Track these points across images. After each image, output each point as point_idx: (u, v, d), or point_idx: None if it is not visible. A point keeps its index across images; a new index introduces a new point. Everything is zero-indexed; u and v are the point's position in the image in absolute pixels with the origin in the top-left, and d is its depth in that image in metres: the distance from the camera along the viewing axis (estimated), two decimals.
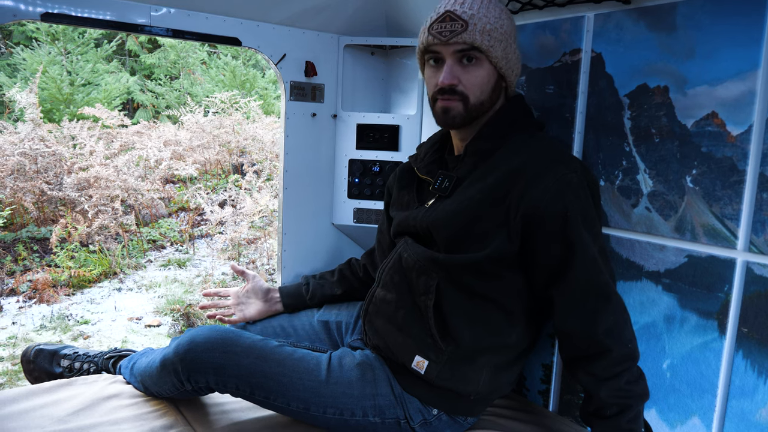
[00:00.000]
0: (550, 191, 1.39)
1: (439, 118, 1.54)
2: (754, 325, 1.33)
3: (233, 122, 8.38)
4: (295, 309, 1.96)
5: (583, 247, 1.38)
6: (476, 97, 1.49)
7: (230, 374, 1.53)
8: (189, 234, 6.52)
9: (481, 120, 1.56)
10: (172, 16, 1.85)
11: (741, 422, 1.36)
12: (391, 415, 1.55)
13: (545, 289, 1.46)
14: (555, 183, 1.40)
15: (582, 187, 1.42)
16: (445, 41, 1.46)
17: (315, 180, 2.29)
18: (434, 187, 1.58)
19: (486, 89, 1.51)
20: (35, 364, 1.98)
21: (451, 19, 1.46)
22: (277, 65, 2.10)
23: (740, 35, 1.31)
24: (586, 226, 1.40)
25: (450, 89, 1.48)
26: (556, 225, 1.39)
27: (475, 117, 1.53)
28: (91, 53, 10.47)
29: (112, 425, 1.56)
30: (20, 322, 4.47)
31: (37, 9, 1.63)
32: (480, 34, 1.44)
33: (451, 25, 1.45)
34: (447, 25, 1.46)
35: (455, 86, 1.48)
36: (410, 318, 1.54)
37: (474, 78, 1.48)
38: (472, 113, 1.51)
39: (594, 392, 1.40)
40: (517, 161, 1.46)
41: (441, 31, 1.46)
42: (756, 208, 1.31)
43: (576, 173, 1.43)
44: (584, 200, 1.42)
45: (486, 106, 1.53)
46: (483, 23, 1.45)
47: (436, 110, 1.54)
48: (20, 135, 6.14)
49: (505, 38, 1.49)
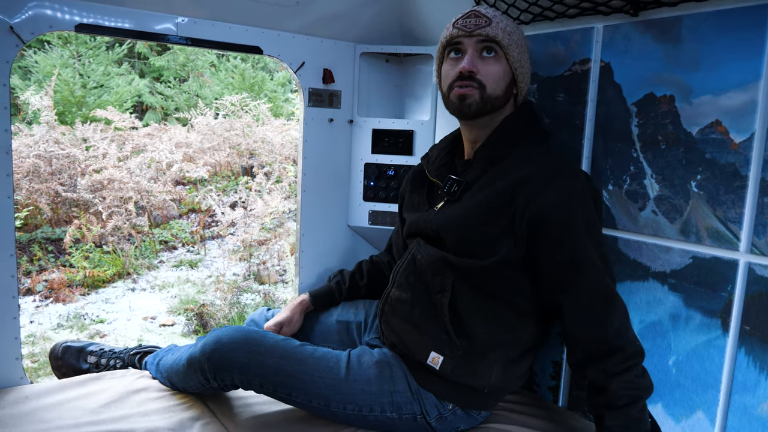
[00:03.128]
0: (555, 199, 1.46)
1: (454, 105, 1.61)
2: (756, 323, 1.38)
3: (243, 124, 8.44)
4: (325, 305, 2.03)
5: (586, 255, 1.44)
6: (492, 88, 1.58)
7: (254, 373, 1.59)
8: (200, 235, 6.59)
9: (491, 122, 1.63)
10: (197, 26, 1.93)
11: (743, 416, 1.42)
12: (408, 410, 1.61)
13: (551, 294, 1.51)
14: (560, 192, 1.46)
15: (586, 195, 1.49)
16: (469, 32, 1.57)
17: (332, 183, 2.36)
18: (443, 190, 1.65)
19: (501, 84, 1.59)
20: (63, 360, 2.05)
21: (476, 16, 1.58)
22: (296, 72, 2.18)
23: (743, 48, 1.37)
24: (589, 233, 1.47)
25: (470, 75, 1.56)
26: (561, 232, 1.45)
27: (489, 110, 1.60)
28: (103, 56, 10.54)
29: (142, 416, 1.63)
30: (37, 321, 4.56)
31: (73, 19, 1.71)
32: (502, 32, 1.56)
33: (476, 21, 1.57)
34: (472, 20, 1.58)
35: (474, 74, 1.56)
36: (425, 316, 1.60)
37: (492, 70, 1.58)
38: (487, 104, 1.58)
39: (605, 385, 1.44)
40: (524, 169, 1.52)
41: (466, 24, 1.58)
42: (758, 211, 1.37)
43: (580, 182, 1.50)
44: (588, 208, 1.48)
45: (499, 102, 1.60)
46: (504, 24, 1.57)
47: (452, 98, 1.61)
48: (35, 137, 6.22)
49: (521, 45, 1.60)
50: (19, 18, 1.67)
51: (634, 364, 1.44)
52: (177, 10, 1.89)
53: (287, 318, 1.93)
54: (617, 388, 1.42)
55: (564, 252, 1.46)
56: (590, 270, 1.45)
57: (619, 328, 1.44)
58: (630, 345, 1.44)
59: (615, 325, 1.44)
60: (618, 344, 1.43)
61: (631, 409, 1.42)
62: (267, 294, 5.18)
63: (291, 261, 5.79)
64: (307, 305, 1.99)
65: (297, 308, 1.97)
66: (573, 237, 1.45)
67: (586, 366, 1.48)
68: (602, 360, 1.44)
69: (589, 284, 1.45)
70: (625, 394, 1.42)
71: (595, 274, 1.45)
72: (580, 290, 1.46)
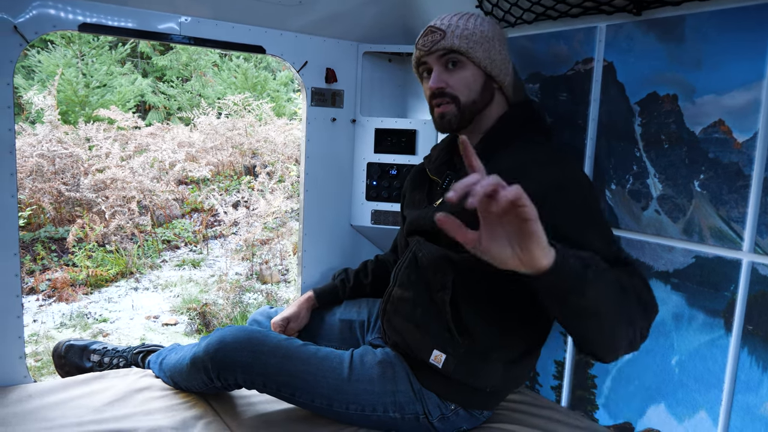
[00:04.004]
0: (557, 177, 1.41)
1: (437, 124, 1.65)
2: (759, 322, 1.38)
3: (246, 124, 8.46)
4: (330, 303, 2.04)
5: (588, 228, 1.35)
6: (466, 96, 1.59)
7: (257, 372, 1.60)
8: (203, 235, 6.60)
9: (483, 122, 1.63)
10: (200, 26, 1.94)
11: (746, 415, 1.42)
12: (410, 410, 1.61)
13: None
14: (553, 176, 1.41)
15: (579, 175, 1.45)
16: (428, 51, 1.59)
17: (334, 182, 2.36)
18: (442, 187, 1.67)
19: (474, 88, 1.59)
20: (66, 359, 2.06)
21: (432, 32, 1.60)
22: (299, 72, 2.18)
23: (746, 47, 1.37)
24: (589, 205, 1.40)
25: (440, 92, 1.59)
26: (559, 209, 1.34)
27: (470, 117, 1.61)
28: (106, 56, 10.57)
29: (145, 415, 1.64)
30: (41, 320, 4.58)
31: (77, 19, 1.72)
32: (458, 39, 1.56)
33: (432, 36, 1.59)
34: (429, 37, 1.60)
35: (443, 89, 1.59)
36: (428, 314, 1.60)
37: (460, 79, 1.59)
38: (465, 113, 1.59)
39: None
40: (520, 161, 1.49)
41: (425, 43, 1.61)
42: (761, 211, 1.37)
43: (570, 164, 1.48)
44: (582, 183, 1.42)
45: (479, 105, 1.60)
46: (460, 30, 1.57)
47: (435, 117, 1.65)
48: (38, 137, 6.24)
49: (486, 41, 1.58)
50: (23, 17, 1.68)
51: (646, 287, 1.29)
52: (180, 10, 1.89)
53: (294, 313, 1.94)
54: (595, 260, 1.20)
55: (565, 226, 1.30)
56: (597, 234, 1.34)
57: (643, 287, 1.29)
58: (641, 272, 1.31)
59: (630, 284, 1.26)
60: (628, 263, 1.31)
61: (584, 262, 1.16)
62: (269, 293, 5.18)
63: (293, 260, 5.79)
64: (313, 302, 2.00)
65: (304, 304, 1.98)
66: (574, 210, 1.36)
67: None
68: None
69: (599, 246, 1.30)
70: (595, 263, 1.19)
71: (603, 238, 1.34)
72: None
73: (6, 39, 1.66)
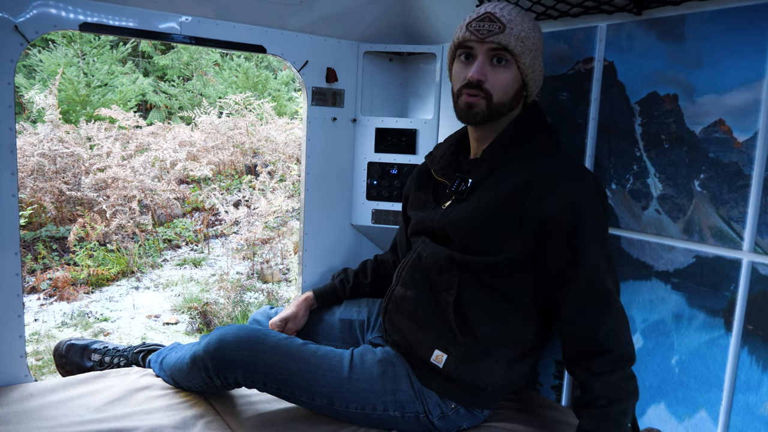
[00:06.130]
0: (565, 200, 1.46)
1: (462, 112, 1.59)
2: (759, 322, 1.38)
3: (247, 123, 8.46)
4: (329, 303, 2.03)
5: (590, 256, 1.46)
6: (499, 97, 1.55)
7: (258, 371, 1.60)
8: (204, 234, 6.61)
9: (499, 123, 1.62)
10: (201, 25, 1.94)
11: (746, 415, 1.42)
12: (410, 409, 1.62)
13: (551, 291, 1.53)
14: (570, 193, 1.47)
15: (594, 198, 1.50)
16: (481, 39, 1.52)
17: (335, 182, 2.36)
18: (451, 189, 1.65)
19: (509, 92, 1.57)
20: (67, 358, 2.06)
21: (490, 20, 1.52)
22: (300, 71, 2.18)
23: (746, 47, 1.37)
24: (596, 235, 1.48)
25: (477, 84, 1.53)
26: (568, 232, 1.46)
27: (496, 117, 1.59)
28: (107, 55, 10.57)
29: (145, 414, 1.64)
30: (42, 319, 4.58)
31: (78, 18, 1.72)
32: (515, 39, 1.51)
33: (490, 25, 1.52)
34: (486, 25, 1.52)
35: (482, 83, 1.53)
36: (430, 314, 1.61)
37: (501, 79, 1.54)
38: (493, 112, 1.57)
39: (588, 385, 1.46)
40: (534, 170, 1.53)
41: (479, 28, 1.52)
42: (761, 210, 1.37)
43: (590, 184, 1.50)
44: (596, 211, 1.49)
45: (506, 108, 1.59)
46: (519, 29, 1.52)
47: (460, 105, 1.59)
48: (39, 136, 6.24)
49: (535, 49, 1.56)
50: (24, 17, 1.68)
51: (620, 367, 1.46)
52: (181, 9, 1.90)
53: (292, 314, 1.94)
54: (599, 388, 1.44)
55: (569, 252, 1.47)
56: (593, 271, 1.46)
57: (612, 331, 1.46)
58: (620, 348, 1.46)
59: (608, 327, 1.45)
60: (608, 346, 1.45)
61: (609, 410, 1.43)
62: (270, 292, 5.18)
63: (294, 260, 5.80)
64: (312, 302, 2.00)
65: (302, 305, 1.97)
66: (580, 238, 1.46)
67: (575, 364, 1.51)
68: (589, 359, 1.47)
69: (590, 285, 1.47)
70: (605, 395, 1.43)
71: (598, 276, 1.47)
72: (580, 289, 1.47)
73: (7, 38, 1.66)
